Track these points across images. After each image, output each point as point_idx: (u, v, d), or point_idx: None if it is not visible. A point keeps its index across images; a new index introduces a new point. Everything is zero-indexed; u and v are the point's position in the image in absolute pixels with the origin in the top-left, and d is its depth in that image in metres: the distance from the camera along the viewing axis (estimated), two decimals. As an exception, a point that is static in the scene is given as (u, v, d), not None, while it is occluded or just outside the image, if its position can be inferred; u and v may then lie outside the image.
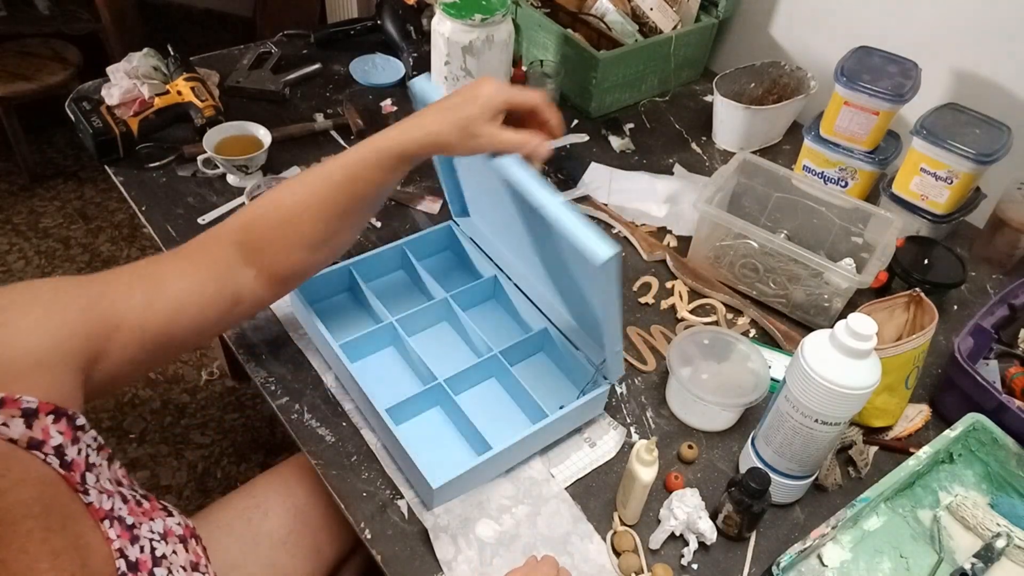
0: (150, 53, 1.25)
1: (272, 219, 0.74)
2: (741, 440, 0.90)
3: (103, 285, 0.61)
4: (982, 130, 1.08)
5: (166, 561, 0.57)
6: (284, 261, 0.75)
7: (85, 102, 1.16)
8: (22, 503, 0.49)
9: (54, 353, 0.53)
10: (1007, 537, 0.80)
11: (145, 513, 0.59)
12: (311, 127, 1.27)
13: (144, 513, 0.59)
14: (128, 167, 1.16)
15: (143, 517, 0.59)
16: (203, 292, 0.69)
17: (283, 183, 0.76)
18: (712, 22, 1.44)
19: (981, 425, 0.87)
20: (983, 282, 1.16)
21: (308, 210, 0.74)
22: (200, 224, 1.09)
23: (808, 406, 0.73)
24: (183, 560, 0.60)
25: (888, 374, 0.85)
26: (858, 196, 1.20)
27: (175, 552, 0.59)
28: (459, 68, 1.22)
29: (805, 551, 0.76)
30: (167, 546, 0.59)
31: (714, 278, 1.10)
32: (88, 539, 0.53)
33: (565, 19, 1.44)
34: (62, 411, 0.53)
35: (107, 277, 0.63)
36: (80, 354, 0.56)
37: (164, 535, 0.59)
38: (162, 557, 0.57)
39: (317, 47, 1.47)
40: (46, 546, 0.49)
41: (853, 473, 0.89)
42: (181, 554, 0.60)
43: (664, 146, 1.36)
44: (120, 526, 0.54)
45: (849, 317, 0.69)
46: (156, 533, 0.58)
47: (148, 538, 0.57)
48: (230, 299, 0.72)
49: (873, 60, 1.15)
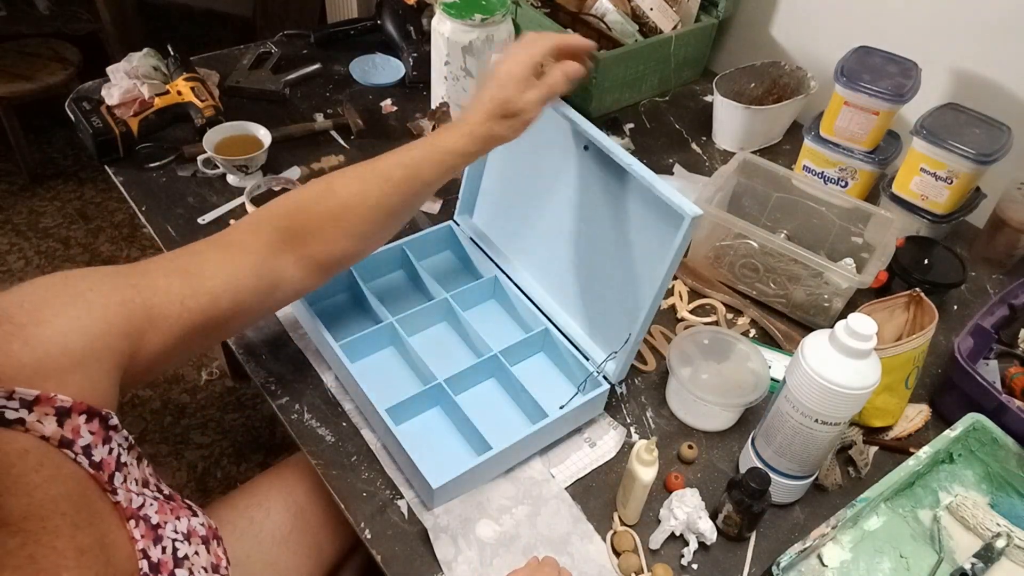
0: (150, 53, 1.25)
1: (322, 209, 0.74)
2: (741, 440, 0.90)
3: (140, 276, 0.61)
4: (982, 130, 1.08)
5: (188, 562, 0.57)
6: (330, 249, 0.75)
7: (85, 102, 1.16)
8: (52, 500, 0.49)
9: (91, 352, 0.53)
10: (1007, 537, 0.80)
11: (173, 511, 0.59)
12: (311, 127, 1.27)
13: (172, 511, 0.59)
14: (128, 167, 1.16)
15: (170, 515, 0.59)
16: (242, 282, 0.68)
17: (335, 175, 0.76)
18: (712, 22, 1.44)
19: (981, 425, 0.87)
20: (983, 282, 1.16)
21: (363, 204, 0.75)
22: (200, 224, 1.09)
23: (808, 406, 0.73)
24: (204, 561, 0.60)
25: (888, 374, 0.85)
26: (858, 196, 1.20)
27: (197, 553, 0.59)
28: (459, 68, 1.22)
29: (805, 551, 0.76)
30: (190, 547, 0.59)
31: (714, 278, 1.10)
32: (113, 537, 0.53)
33: (565, 19, 1.44)
34: (95, 411, 0.52)
35: (146, 267, 0.63)
36: (117, 351, 0.55)
37: (188, 535, 0.59)
38: (184, 558, 0.57)
39: (317, 47, 1.47)
40: (73, 543, 0.49)
41: (853, 473, 0.89)
42: (203, 555, 0.60)
43: (664, 146, 1.36)
44: (145, 525, 0.54)
45: (849, 317, 0.69)
46: (180, 533, 0.58)
47: (171, 538, 0.57)
48: (268, 286, 0.71)
49: (873, 60, 1.15)
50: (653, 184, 0.78)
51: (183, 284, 0.63)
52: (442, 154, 0.76)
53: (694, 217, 0.75)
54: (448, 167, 0.76)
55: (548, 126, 0.89)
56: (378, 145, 1.27)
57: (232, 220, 1.11)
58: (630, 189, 0.84)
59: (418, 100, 1.38)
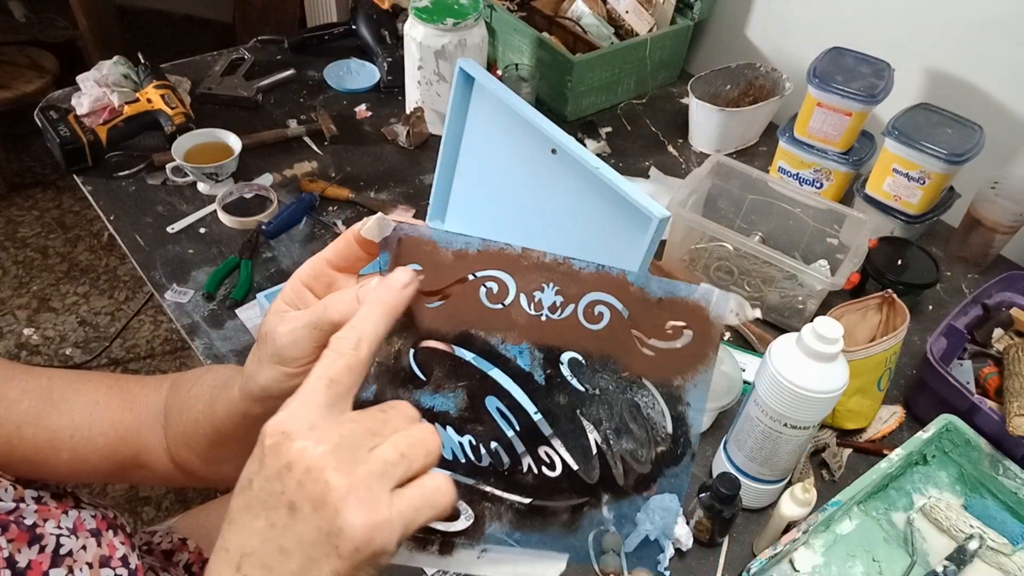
0: (120, 61, 1.24)
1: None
2: (714, 444, 0.90)
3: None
4: (954, 130, 1.08)
5: (69, 559, 0.53)
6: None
7: (53, 111, 1.14)
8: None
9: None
10: (980, 539, 0.80)
11: (61, 507, 0.56)
12: (284, 133, 1.26)
13: (60, 507, 0.55)
14: (97, 176, 1.15)
15: (55, 511, 0.55)
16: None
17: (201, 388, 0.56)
18: (687, 24, 1.44)
19: (953, 426, 0.87)
20: (958, 282, 1.16)
21: None
22: (169, 233, 1.08)
23: (777, 410, 0.72)
24: (91, 556, 0.56)
25: (860, 376, 0.85)
26: (833, 197, 1.20)
27: (84, 548, 0.55)
28: (432, 72, 1.21)
29: (776, 556, 0.76)
30: (76, 541, 0.55)
31: (689, 281, 1.09)
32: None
33: (541, 23, 1.43)
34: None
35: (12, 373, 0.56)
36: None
37: (74, 529, 0.55)
38: (67, 554, 0.53)
39: (291, 52, 1.46)
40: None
41: (827, 476, 0.89)
42: (92, 549, 0.56)
43: (641, 149, 1.35)
44: (17, 528, 0.51)
45: (815, 320, 0.69)
46: (64, 528, 0.54)
47: (55, 534, 0.53)
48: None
49: (846, 61, 1.15)
50: (620, 187, 0.77)
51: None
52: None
53: (661, 219, 0.74)
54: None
55: (516, 130, 0.89)
56: (352, 150, 1.26)
57: (202, 229, 1.09)
58: (599, 192, 0.83)
59: (393, 105, 1.37)
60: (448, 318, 0.41)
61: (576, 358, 0.40)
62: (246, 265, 1.03)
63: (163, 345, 2.00)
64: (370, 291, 0.40)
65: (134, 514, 1.66)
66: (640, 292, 0.40)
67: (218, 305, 0.99)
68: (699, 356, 0.41)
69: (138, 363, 1.96)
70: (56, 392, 0.57)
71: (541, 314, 0.40)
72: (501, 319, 0.40)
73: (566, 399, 0.41)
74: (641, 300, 0.40)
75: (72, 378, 0.58)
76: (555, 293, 0.40)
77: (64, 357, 1.94)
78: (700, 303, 0.40)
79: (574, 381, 0.40)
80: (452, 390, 0.41)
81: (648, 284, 0.40)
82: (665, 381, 0.41)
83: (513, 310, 0.40)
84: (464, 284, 0.41)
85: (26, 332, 1.99)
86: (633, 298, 0.40)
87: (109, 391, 0.58)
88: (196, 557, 0.84)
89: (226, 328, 0.96)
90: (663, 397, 0.41)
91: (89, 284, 2.12)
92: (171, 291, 1.00)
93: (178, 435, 0.56)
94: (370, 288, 0.41)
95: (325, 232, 1.11)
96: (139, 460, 0.58)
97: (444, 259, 0.41)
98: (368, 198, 1.17)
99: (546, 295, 0.40)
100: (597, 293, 0.40)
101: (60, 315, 2.04)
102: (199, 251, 1.06)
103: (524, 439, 0.41)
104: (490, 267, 0.40)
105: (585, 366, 0.40)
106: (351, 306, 0.40)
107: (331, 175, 1.21)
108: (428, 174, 1.22)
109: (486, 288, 0.40)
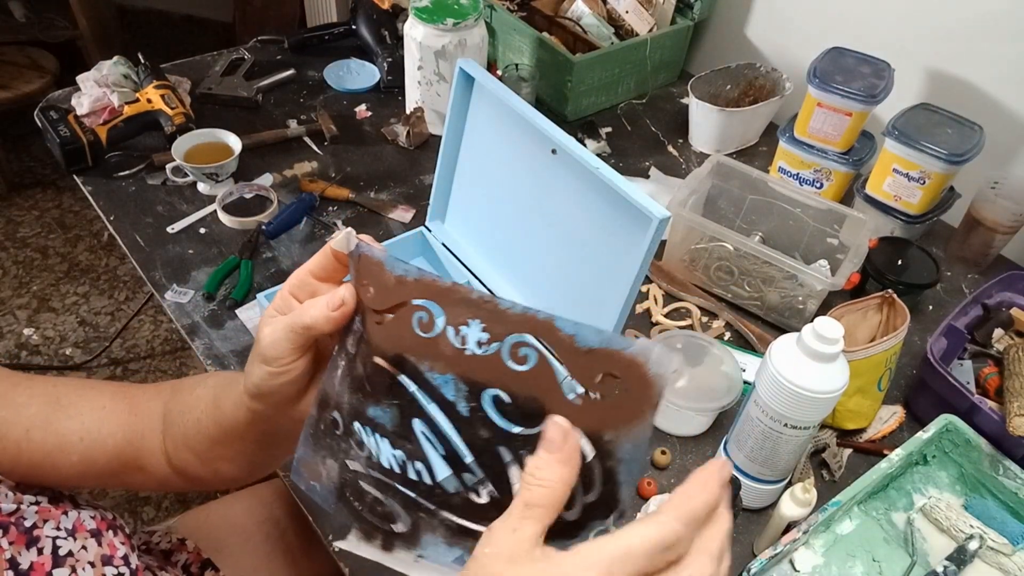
0: (120, 61, 1.24)
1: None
2: (715, 445, 0.90)
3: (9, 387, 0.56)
4: (954, 130, 1.08)
5: (71, 559, 0.54)
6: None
7: (53, 111, 1.14)
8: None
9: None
10: (980, 539, 0.80)
11: (60, 508, 0.56)
12: (284, 133, 1.26)
13: (59, 508, 0.56)
14: (97, 176, 1.15)
15: (54, 513, 0.55)
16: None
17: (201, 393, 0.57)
18: (688, 24, 1.44)
19: (954, 426, 0.87)
20: (959, 282, 1.16)
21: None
22: (169, 233, 1.08)
23: (777, 410, 0.72)
24: (93, 555, 0.56)
25: (860, 376, 0.85)
26: (833, 197, 1.20)
27: (84, 548, 0.56)
28: (432, 73, 1.21)
29: (777, 556, 0.76)
30: (75, 542, 0.55)
31: (689, 281, 1.09)
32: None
33: (541, 23, 1.43)
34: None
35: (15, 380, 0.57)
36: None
37: (73, 530, 0.56)
38: (67, 555, 0.54)
39: (291, 52, 1.46)
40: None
41: (827, 476, 0.89)
42: (92, 549, 0.57)
43: (641, 149, 1.35)
44: (16, 531, 0.52)
45: (816, 321, 0.69)
46: (63, 529, 0.55)
47: (52, 536, 0.54)
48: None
49: (846, 61, 1.15)
50: (620, 187, 0.77)
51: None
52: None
53: (661, 219, 0.74)
54: None
55: (516, 130, 0.89)
56: (352, 150, 1.26)
57: (202, 229, 1.09)
58: (599, 192, 0.83)
59: (393, 105, 1.37)
60: (388, 337, 0.42)
61: (499, 396, 0.39)
62: (246, 265, 1.03)
63: (163, 345, 2.00)
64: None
65: (134, 514, 1.66)
66: (569, 339, 0.38)
67: (218, 305, 0.99)
68: (634, 413, 0.39)
69: (138, 363, 1.96)
70: (63, 397, 0.58)
71: (466, 348, 0.40)
72: (429, 348, 0.40)
73: (488, 433, 0.40)
74: (569, 348, 0.39)
75: (77, 384, 0.60)
76: (481, 330, 0.40)
77: (64, 357, 1.94)
78: (637, 359, 0.38)
79: (496, 417, 0.40)
80: (388, 407, 0.42)
81: (579, 332, 0.38)
82: (593, 433, 0.39)
83: (440, 341, 0.40)
84: (404, 308, 0.41)
85: (26, 332, 1.99)
86: (561, 344, 0.39)
87: (114, 396, 0.60)
88: (195, 557, 0.84)
89: (226, 328, 0.96)
90: (593, 449, 0.40)
91: (89, 284, 2.13)
92: (171, 291, 1.00)
93: (178, 436, 0.57)
94: (337, 293, 0.44)
95: (325, 232, 1.11)
96: (140, 463, 0.60)
97: (388, 282, 0.42)
98: (368, 198, 1.17)
99: (472, 330, 0.39)
100: (522, 335, 0.39)
101: (60, 315, 2.04)
102: (199, 251, 1.06)
103: (450, 463, 0.41)
104: (423, 296, 0.41)
105: (509, 404, 0.39)
106: (321, 311, 0.44)
107: (331, 175, 1.21)
108: (428, 174, 1.22)
109: (417, 316, 0.41)
